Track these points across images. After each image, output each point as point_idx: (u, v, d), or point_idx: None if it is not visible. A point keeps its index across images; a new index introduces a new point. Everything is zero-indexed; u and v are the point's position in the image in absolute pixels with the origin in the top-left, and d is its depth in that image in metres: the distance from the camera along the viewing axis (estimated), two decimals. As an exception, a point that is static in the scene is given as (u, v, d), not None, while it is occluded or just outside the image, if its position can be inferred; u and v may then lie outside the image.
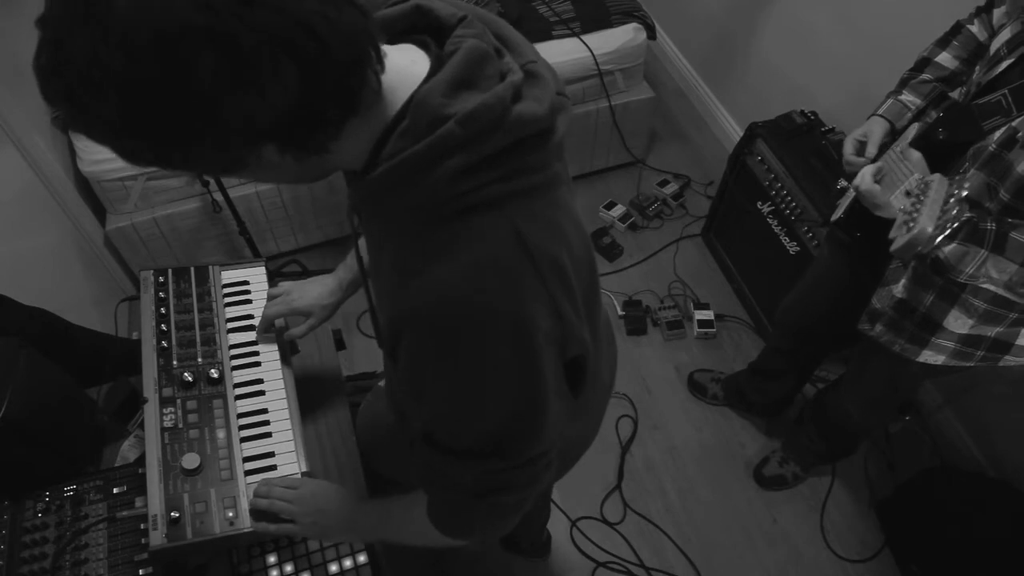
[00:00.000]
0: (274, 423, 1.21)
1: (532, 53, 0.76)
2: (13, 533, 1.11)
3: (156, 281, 1.34)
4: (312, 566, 1.15)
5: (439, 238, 0.70)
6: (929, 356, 1.37)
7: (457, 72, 0.67)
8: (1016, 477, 1.97)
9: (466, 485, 0.84)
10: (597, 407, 1.18)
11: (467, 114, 0.65)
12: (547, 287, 0.72)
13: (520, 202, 0.71)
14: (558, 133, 0.73)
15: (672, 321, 2.50)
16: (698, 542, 2.07)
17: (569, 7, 2.55)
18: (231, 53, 0.54)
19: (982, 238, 1.11)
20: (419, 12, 0.76)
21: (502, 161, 0.68)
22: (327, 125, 0.64)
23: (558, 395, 0.79)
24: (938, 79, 1.42)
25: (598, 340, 0.94)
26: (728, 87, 2.96)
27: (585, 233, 0.82)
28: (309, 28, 0.57)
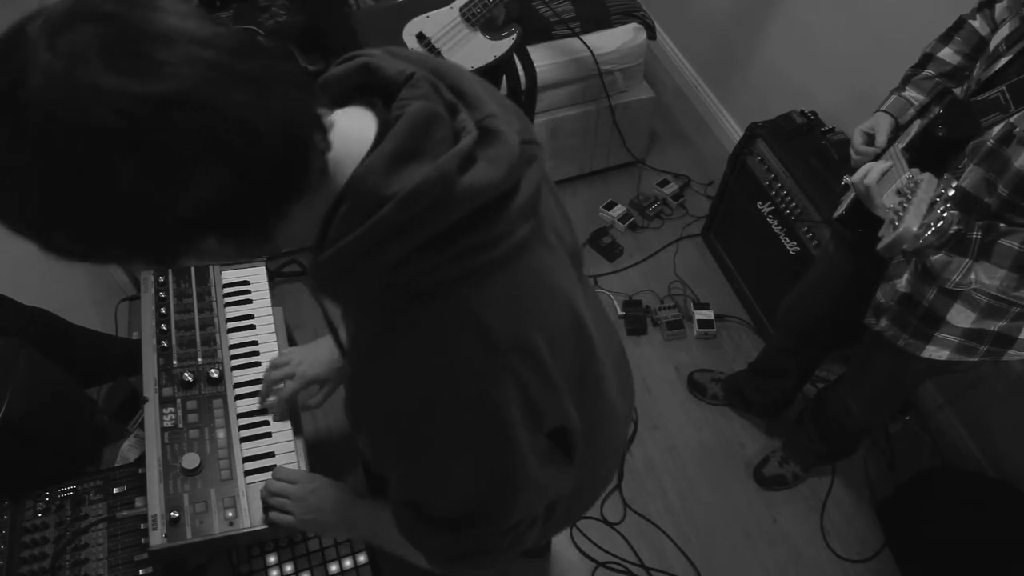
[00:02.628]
0: (274, 423, 1.21)
1: (492, 105, 0.69)
2: (13, 533, 1.11)
3: (156, 281, 1.34)
4: (312, 566, 1.15)
5: (392, 328, 0.66)
6: (933, 351, 1.37)
7: (399, 143, 0.62)
8: (1016, 477, 1.97)
9: (442, 550, 0.84)
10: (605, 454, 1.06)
11: (407, 194, 0.59)
12: (513, 372, 0.67)
13: (478, 282, 0.65)
14: (523, 192, 0.66)
15: (672, 321, 2.50)
16: (698, 542, 2.07)
17: (569, 7, 2.54)
18: (154, 156, 0.50)
19: (966, 248, 1.12)
20: (366, 71, 0.70)
21: (452, 240, 0.62)
22: (266, 215, 0.59)
23: (536, 468, 0.75)
24: (941, 75, 1.42)
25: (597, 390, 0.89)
26: (728, 87, 2.96)
27: (567, 295, 0.76)
28: (240, 124, 0.53)
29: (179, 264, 0.62)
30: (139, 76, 0.49)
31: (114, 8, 0.51)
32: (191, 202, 0.54)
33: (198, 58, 0.52)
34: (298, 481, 1.08)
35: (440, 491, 0.77)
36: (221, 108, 0.52)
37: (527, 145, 0.69)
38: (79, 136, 0.49)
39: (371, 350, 0.69)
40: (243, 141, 0.53)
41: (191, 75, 0.51)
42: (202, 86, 0.51)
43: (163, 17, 0.52)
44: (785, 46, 2.54)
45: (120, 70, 0.49)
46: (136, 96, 0.49)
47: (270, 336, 1.32)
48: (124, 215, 0.53)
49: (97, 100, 0.48)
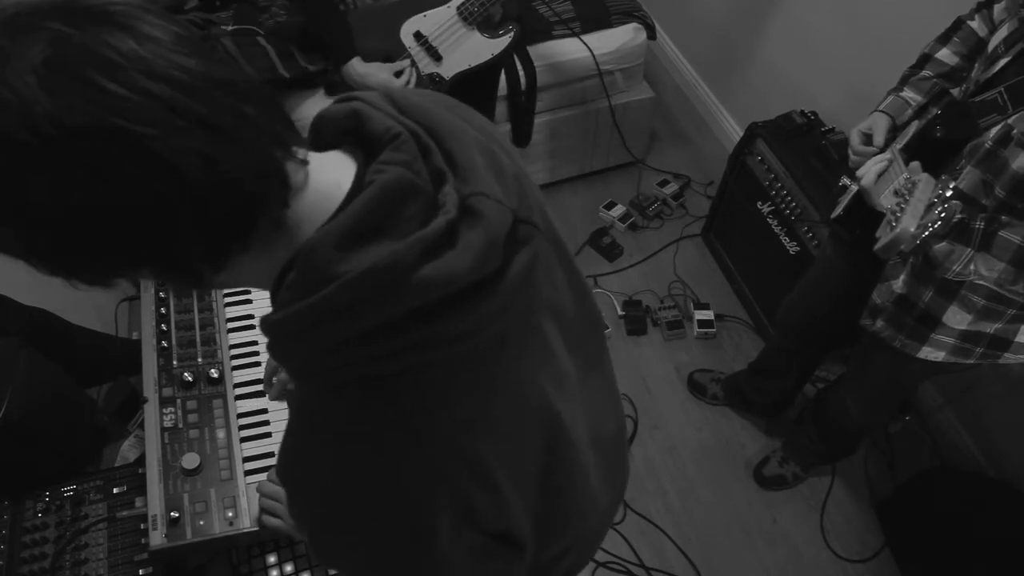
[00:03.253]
0: (274, 423, 1.21)
1: (486, 178, 0.61)
2: (13, 533, 1.11)
3: (156, 281, 1.34)
4: (312, 566, 1.15)
5: (322, 410, 0.62)
6: (929, 352, 1.37)
7: (359, 218, 0.56)
8: (1016, 477, 1.96)
9: None
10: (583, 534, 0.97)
11: (352, 279, 0.54)
12: (449, 485, 0.62)
13: (428, 378, 0.59)
14: (510, 276, 0.60)
15: (672, 321, 2.50)
16: (698, 542, 2.07)
17: (569, 7, 2.54)
18: (71, 185, 0.47)
19: (969, 237, 1.12)
20: (356, 119, 0.64)
21: (404, 328, 0.56)
22: (199, 264, 0.55)
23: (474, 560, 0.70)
24: (939, 75, 1.42)
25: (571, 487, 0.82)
26: (728, 87, 2.96)
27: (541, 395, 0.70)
28: (173, 169, 0.48)
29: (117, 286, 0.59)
30: (71, 101, 0.46)
31: (73, 26, 0.48)
32: (109, 236, 0.50)
33: (147, 92, 0.48)
34: None
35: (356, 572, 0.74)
36: (155, 151, 0.48)
37: (523, 224, 0.63)
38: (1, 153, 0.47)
39: (304, 417, 0.65)
40: (173, 189, 0.49)
41: (130, 111, 0.47)
42: (138, 125, 0.47)
43: (123, 41, 0.48)
44: (785, 46, 2.54)
45: (53, 92, 0.46)
46: (60, 123, 0.46)
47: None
48: (42, 237, 0.50)
49: (19, 116, 0.46)
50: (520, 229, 0.63)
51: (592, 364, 0.87)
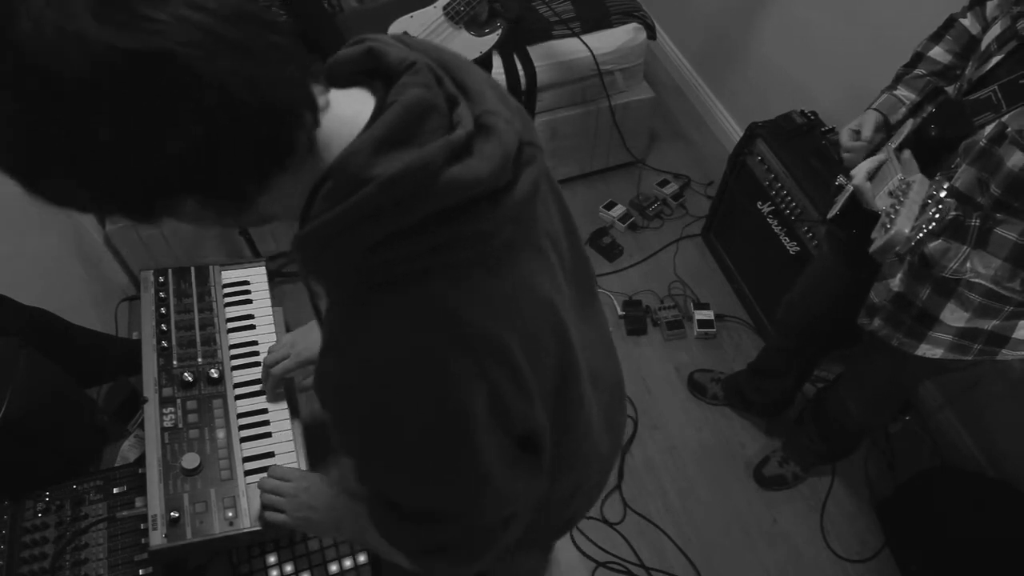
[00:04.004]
0: (274, 423, 1.21)
1: (494, 101, 0.68)
2: (13, 533, 1.11)
3: (156, 281, 1.34)
4: (312, 566, 1.15)
5: (360, 310, 0.65)
6: (927, 350, 1.38)
7: (388, 129, 0.62)
8: (1016, 477, 1.97)
9: (411, 544, 0.83)
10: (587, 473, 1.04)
11: (388, 178, 0.59)
12: (481, 368, 0.66)
13: (454, 275, 0.64)
14: (518, 191, 0.66)
15: (672, 321, 2.50)
16: (698, 542, 2.07)
17: (569, 7, 2.54)
18: (127, 110, 0.51)
19: (965, 234, 1.13)
20: (371, 56, 0.70)
21: (431, 229, 0.61)
22: (245, 184, 0.60)
23: (502, 468, 0.75)
24: (932, 74, 1.42)
25: (579, 406, 0.87)
26: (728, 87, 2.96)
27: (550, 303, 0.74)
28: (221, 89, 0.53)
29: (161, 222, 0.63)
30: (125, 30, 0.50)
31: None
32: (166, 160, 0.54)
33: (187, 19, 0.52)
34: (292, 479, 1.08)
35: (402, 484, 0.77)
36: (202, 73, 0.52)
37: (527, 146, 0.68)
38: (58, 83, 0.50)
39: (340, 332, 0.68)
40: (221, 107, 0.53)
41: (177, 36, 0.51)
42: (186, 48, 0.51)
43: None
44: (785, 45, 2.54)
45: (106, 22, 0.50)
46: (118, 50, 0.49)
47: (270, 336, 1.32)
48: (100, 166, 0.54)
49: (79, 50, 0.49)
50: (525, 150, 0.68)
51: (587, 305, 0.90)
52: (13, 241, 1.88)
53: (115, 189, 0.56)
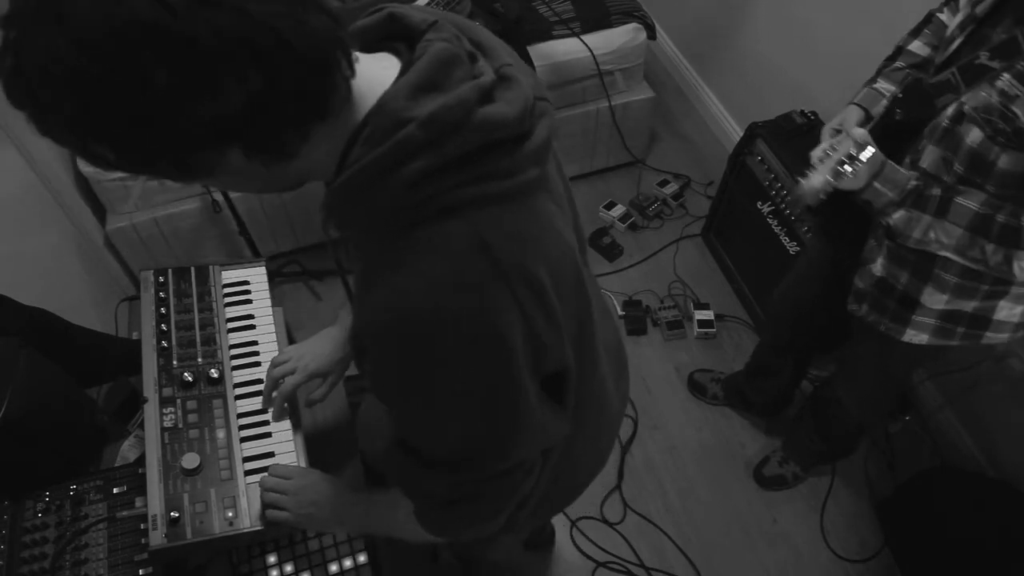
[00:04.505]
0: (274, 423, 1.21)
1: (508, 57, 0.73)
2: (13, 533, 1.11)
3: (156, 281, 1.34)
4: (312, 566, 1.15)
5: (401, 247, 0.68)
6: (912, 335, 1.39)
7: (421, 76, 0.66)
8: (1016, 477, 1.97)
9: (438, 493, 0.84)
10: (600, 430, 1.08)
11: (427, 116, 0.63)
12: (517, 301, 0.69)
13: (487, 209, 0.68)
14: (535, 138, 0.70)
15: (672, 321, 2.50)
16: (698, 542, 2.07)
17: (569, 7, 2.55)
18: (188, 54, 0.53)
19: (925, 204, 1.17)
20: (392, 20, 0.74)
21: (467, 165, 0.65)
22: (293, 129, 0.62)
23: (535, 406, 0.77)
24: (911, 66, 1.45)
25: (594, 360, 0.91)
26: (728, 87, 2.96)
27: (571, 249, 0.78)
28: (273, 30, 0.56)
29: (205, 180, 0.65)
30: None
31: None
32: (220, 104, 0.56)
33: None
34: (293, 476, 1.08)
35: (440, 424, 0.77)
36: (256, 14, 0.55)
37: (539, 100, 0.72)
38: (117, 29, 0.52)
39: (379, 269, 0.70)
40: (274, 49, 0.56)
41: None
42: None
43: None
44: (785, 46, 2.54)
45: None
46: None
47: (270, 336, 1.32)
48: (157, 112, 0.55)
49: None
50: (538, 104, 0.72)
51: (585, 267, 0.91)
52: (13, 241, 1.88)
53: (168, 138, 0.57)
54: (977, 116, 1.10)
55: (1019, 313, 1.31)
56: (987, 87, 1.09)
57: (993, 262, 1.16)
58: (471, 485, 0.82)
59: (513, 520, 0.92)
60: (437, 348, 0.68)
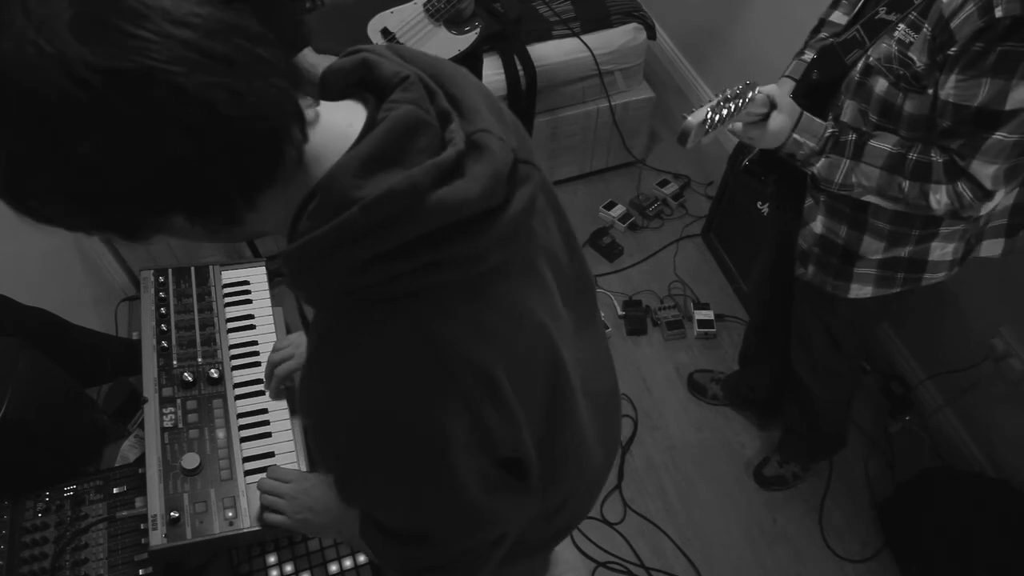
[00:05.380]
0: (274, 423, 1.21)
1: (488, 118, 0.66)
2: (13, 533, 1.11)
3: (156, 281, 1.34)
4: (312, 566, 1.15)
5: (343, 334, 0.65)
6: (857, 289, 1.44)
7: (374, 148, 0.60)
8: (1016, 477, 1.97)
9: (400, 563, 0.83)
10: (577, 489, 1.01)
11: (371, 201, 0.57)
12: (463, 395, 0.65)
13: (439, 299, 0.63)
14: (511, 210, 0.64)
15: (672, 321, 2.50)
16: (698, 542, 2.07)
17: (569, 7, 2.55)
18: (110, 130, 0.50)
19: (843, 149, 1.23)
20: (365, 67, 0.69)
21: (417, 252, 0.60)
22: (233, 199, 0.58)
23: (484, 492, 0.74)
24: (832, 35, 1.49)
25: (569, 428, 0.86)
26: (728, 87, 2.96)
27: (542, 329, 0.73)
28: (206, 104, 0.52)
29: (151, 240, 0.62)
30: (106, 49, 0.50)
31: None
32: (151, 177, 0.53)
33: (171, 35, 0.51)
34: (292, 480, 1.08)
35: (384, 506, 0.77)
36: (186, 88, 0.51)
37: (522, 164, 0.67)
38: (39, 103, 0.49)
39: (322, 352, 0.68)
40: (207, 123, 0.52)
41: (159, 52, 0.51)
42: (168, 64, 0.51)
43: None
44: (786, 45, 2.53)
45: (87, 41, 0.49)
46: (99, 68, 0.49)
47: (270, 336, 1.33)
48: (86, 185, 0.53)
49: (60, 69, 0.49)
50: (520, 168, 0.66)
51: (584, 321, 0.89)
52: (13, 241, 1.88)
53: (102, 208, 0.55)
54: (881, 66, 1.19)
55: (951, 251, 1.37)
56: (887, 38, 1.18)
57: (911, 197, 1.21)
58: (435, 559, 0.81)
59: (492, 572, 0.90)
60: (372, 437, 0.67)
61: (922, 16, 1.12)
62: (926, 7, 1.11)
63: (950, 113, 1.12)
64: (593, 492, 1.10)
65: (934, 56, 1.10)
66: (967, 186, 1.16)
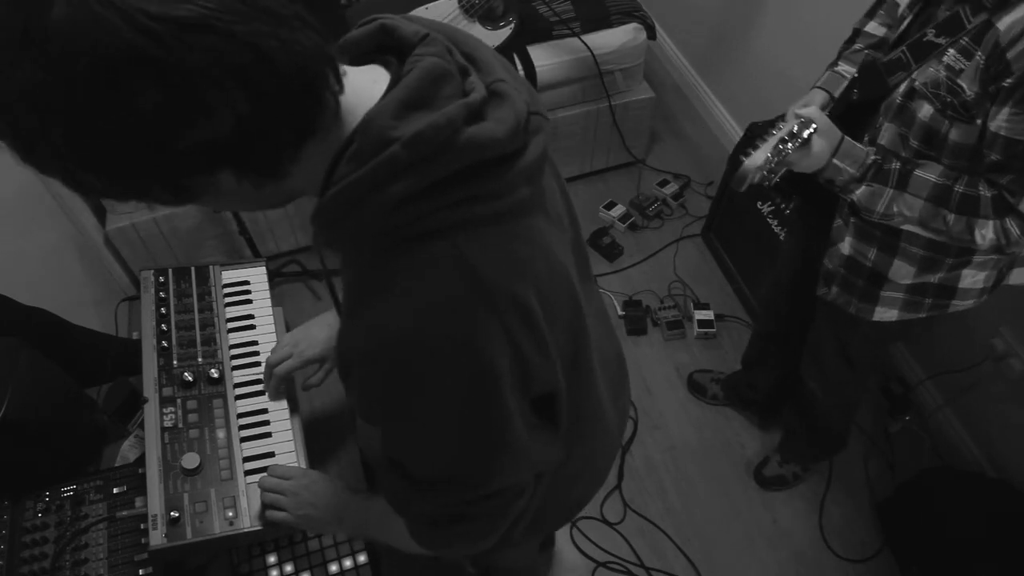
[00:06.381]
0: (274, 423, 1.21)
1: (502, 72, 0.71)
2: (13, 533, 1.11)
3: (156, 281, 1.34)
4: (312, 566, 1.15)
5: (386, 269, 0.67)
6: (882, 312, 1.42)
7: (409, 92, 0.64)
8: (1016, 477, 1.97)
9: (426, 513, 0.84)
10: (596, 449, 1.06)
11: (412, 136, 0.61)
12: (503, 325, 0.67)
13: (474, 232, 0.66)
14: (528, 155, 0.68)
15: (672, 321, 2.50)
16: (698, 542, 2.07)
17: (569, 7, 2.55)
18: (174, 79, 0.52)
19: (886, 177, 1.20)
20: (383, 32, 0.73)
21: (453, 186, 0.63)
22: (284, 148, 0.61)
23: (522, 431, 0.76)
24: (869, 47, 1.47)
25: (590, 379, 0.90)
26: (728, 87, 2.96)
27: (566, 269, 0.76)
28: (259, 50, 0.55)
29: (196, 202, 0.64)
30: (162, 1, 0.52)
31: None
32: (210, 128, 0.55)
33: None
34: (293, 477, 1.08)
35: (425, 445, 0.77)
36: (240, 36, 0.54)
37: (534, 116, 0.70)
38: (104, 58, 0.51)
39: (364, 292, 0.69)
40: (261, 69, 0.55)
41: (212, 2, 0.53)
42: (222, 13, 0.53)
43: None
44: (785, 45, 2.54)
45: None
46: (159, 17, 0.51)
47: (270, 336, 1.33)
48: (147, 139, 0.55)
49: (123, 21, 0.50)
50: (532, 120, 0.69)
51: (586, 281, 0.91)
52: (13, 241, 1.88)
53: (158, 164, 0.57)
54: (927, 91, 1.14)
55: (982, 279, 1.34)
56: (935, 63, 1.13)
57: (955, 231, 1.18)
58: (460, 506, 0.81)
59: (508, 537, 0.91)
60: (421, 374, 0.68)
61: (975, 43, 1.07)
62: (979, 33, 1.07)
63: (1000, 147, 1.08)
64: (607, 460, 1.12)
65: (986, 86, 1.06)
66: (1015, 222, 1.12)
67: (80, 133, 0.54)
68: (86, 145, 0.55)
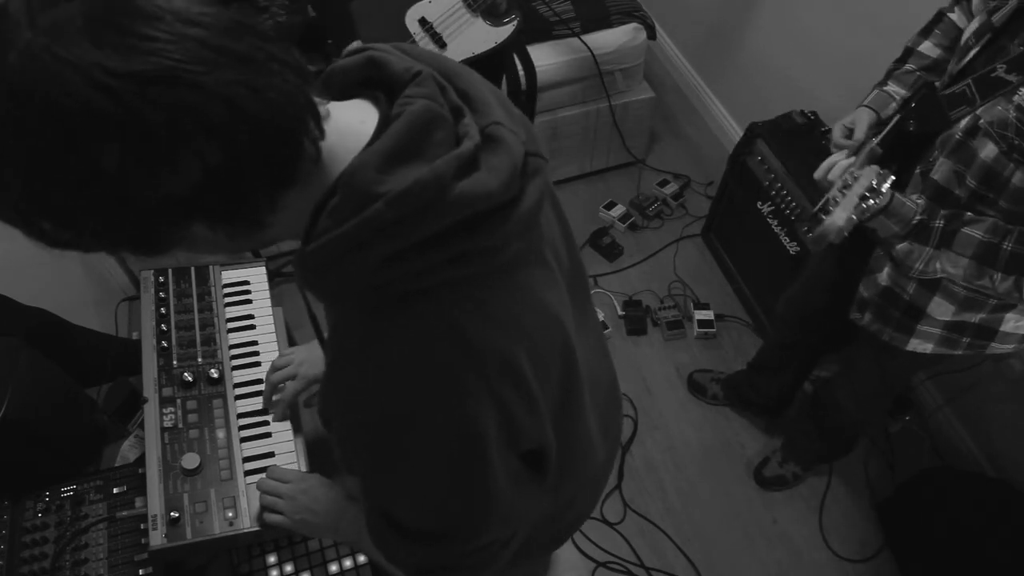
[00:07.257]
0: (274, 423, 1.21)
1: (499, 110, 0.67)
2: (13, 533, 1.11)
3: (156, 281, 1.34)
4: (312, 566, 1.15)
5: (370, 330, 0.64)
6: (917, 344, 1.38)
7: (396, 142, 0.60)
8: (1016, 477, 1.97)
9: (411, 563, 0.83)
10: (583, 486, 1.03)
11: (397, 194, 0.57)
12: (490, 388, 0.65)
13: (463, 291, 0.63)
14: (525, 202, 0.64)
15: (672, 321, 2.50)
16: (698, 542, 2.07)
17: (569, 7, 2.54)
18: (134, 136, 0.49)
19: (928, 236, 1.15)
20: (372, 65, 0.68)
21: (441, 245, 0.60)
22: (260, 200, 0.58)
23: (507, 488, 0.74)
24: (921, 68, 1.43)
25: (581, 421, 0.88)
26: (728, 87, 2.96)
27: (557, 319, 0.73)
28: (228, 101, 0.51)
29: (170, 253, 0.60)
30: (123, 52, 0.48)
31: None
32: (178, 183, 0.52)
33: (184, 35, 0.50)
34: (291, 480, 1.08)
35: (409, 503, 0.76)
36: (207, 87, 0.50)
37: (532, 157, 0.66)
38: (60, 115, 0.48)
39: (347, 350, 0.67)
40: (231, 121, 0.52)
41: (177, 52, 0.50)
42: (188, 64, 0.50)
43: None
44: (785, 45, 2.54)
45: (103, 46, 0.48)
46: (119, 73, 0.48)
47: (270, 336, 1.32)
48: (109, 197, 0.52)
49: (79, 76, 0.47)
50: (530, 162, 0.66)
51: (582, 311, 0.89)
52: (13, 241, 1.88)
53: (125, 222, 0.54)
54: (992, 131, 1.07)
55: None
56: (1003, 101, 1.06)
57: (1002, 290, 1.14)
58: (442, 558, 0.81)
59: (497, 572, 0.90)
60: (404, 435, 0.66)
61: None
62: None
63: None
64: (597, 490, 1.11)
65: None
66: None
67: (37, 189, 0.51)
68: (42, 198, 0.52)
